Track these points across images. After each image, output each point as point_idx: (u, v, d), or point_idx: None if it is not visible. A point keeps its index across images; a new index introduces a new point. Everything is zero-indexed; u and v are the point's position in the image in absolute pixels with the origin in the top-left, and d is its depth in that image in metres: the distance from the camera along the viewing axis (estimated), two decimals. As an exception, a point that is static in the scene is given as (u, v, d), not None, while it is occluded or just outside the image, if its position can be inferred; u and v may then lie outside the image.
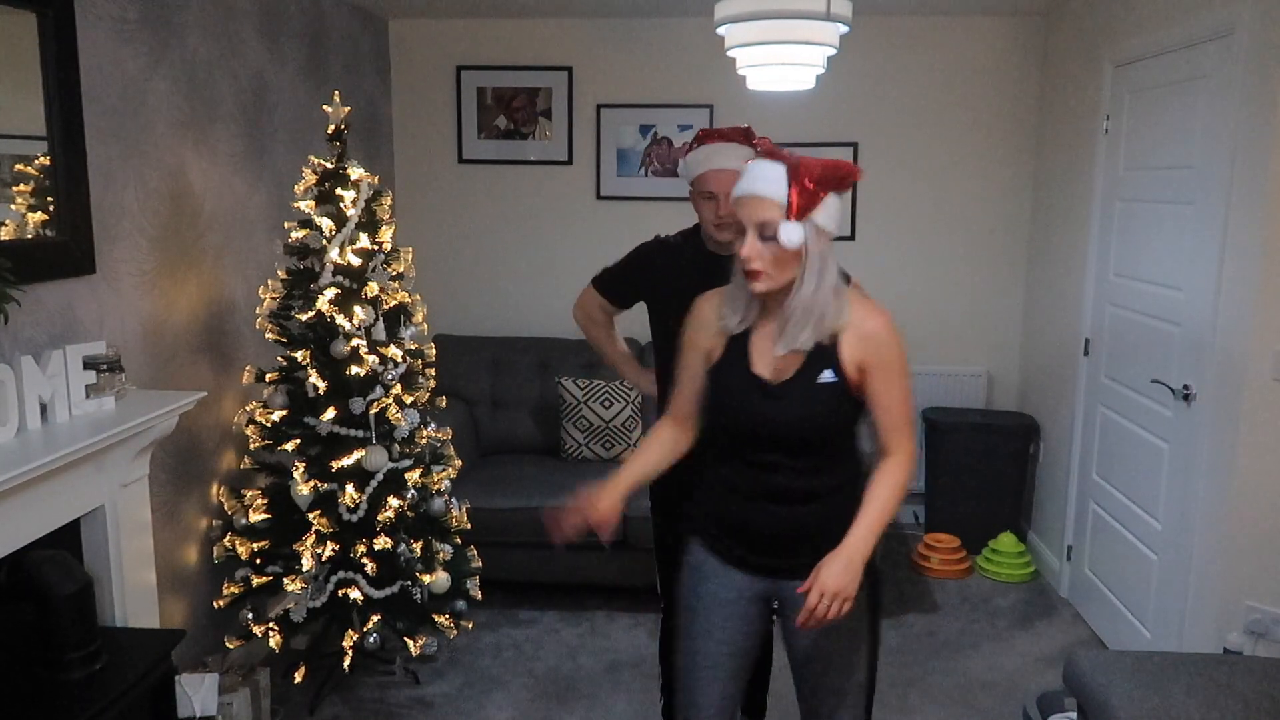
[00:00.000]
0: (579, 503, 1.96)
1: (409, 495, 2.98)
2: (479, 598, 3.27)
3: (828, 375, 1.84)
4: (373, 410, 2.89)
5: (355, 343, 2.86)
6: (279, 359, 3.00)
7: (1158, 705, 2.15)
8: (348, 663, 2.92)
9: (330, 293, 2.84)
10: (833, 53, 2.53)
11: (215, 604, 3.00)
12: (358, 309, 2.85)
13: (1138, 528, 3.34)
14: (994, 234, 4.56)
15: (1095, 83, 3.75)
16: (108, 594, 2.37)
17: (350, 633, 2.94)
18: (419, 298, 3.10)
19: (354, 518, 2.89)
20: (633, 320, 2.73)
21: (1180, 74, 3.13)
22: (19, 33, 2.25)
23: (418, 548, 2.99)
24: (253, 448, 3.03)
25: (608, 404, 4.15)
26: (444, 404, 3.29)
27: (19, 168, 2.29)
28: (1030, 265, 4.53)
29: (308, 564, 2.86)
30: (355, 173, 2.94)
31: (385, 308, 2.95)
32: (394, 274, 3.00)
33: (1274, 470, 2.71)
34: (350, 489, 2.87)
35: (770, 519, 1.93)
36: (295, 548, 2.91)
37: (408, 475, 2.98)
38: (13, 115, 2.29)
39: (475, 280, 4.78)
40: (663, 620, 2.72)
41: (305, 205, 2.92)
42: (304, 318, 2.88)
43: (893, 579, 4.12)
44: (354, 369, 2.85)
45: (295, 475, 2.89)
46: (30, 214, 2.31)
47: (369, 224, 2.95)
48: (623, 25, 4.52)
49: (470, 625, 3.37)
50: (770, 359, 1.88)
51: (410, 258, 3.11)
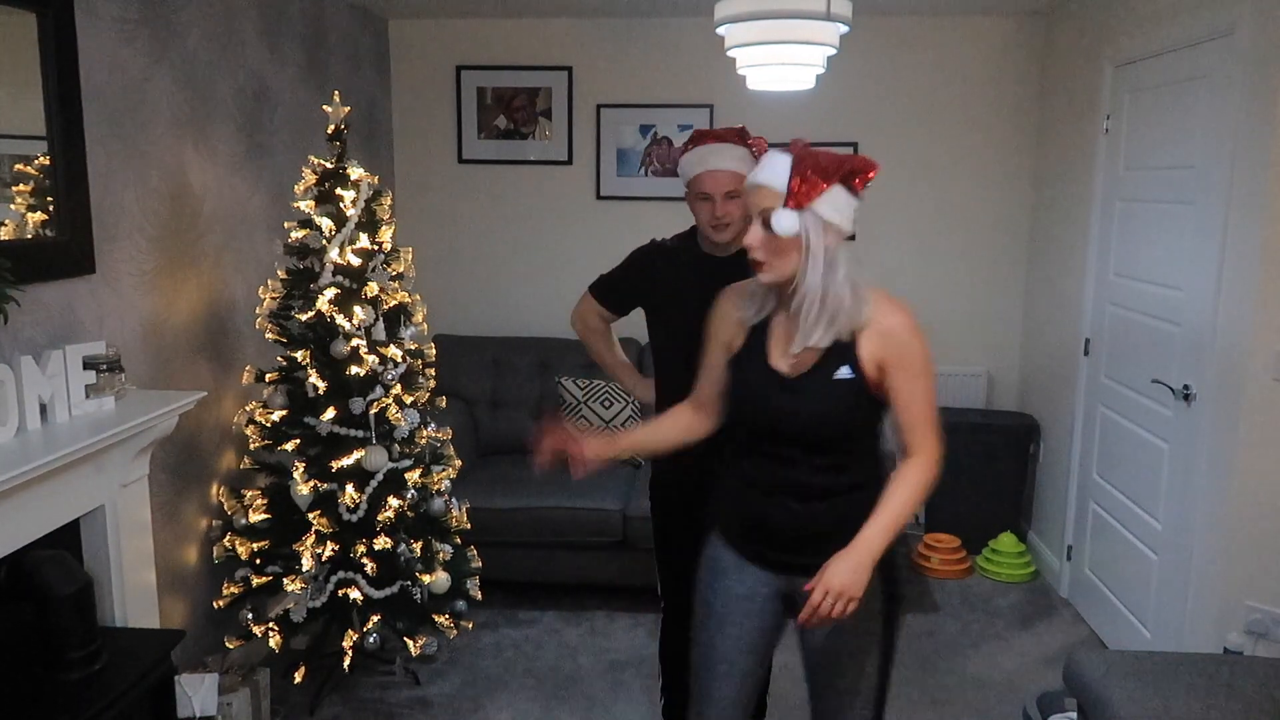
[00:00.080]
0: (570, 433, 1.98)
1: (409, 495, 2.98)
2: (479, 598, 3.27)
3: (844, 372, 1.83)
4: (373, 410, 2.90)
5: (355, 343, 2.86)
6: (279, 359, 3.00)
7: (1158, 705, 2.15)
8: (348, 663, 2.92)
9: (330, 293, 2.84)
10: (833, 53, 2.53)
11: (215, 604, 3.00)
12: (358, 309, 2.85)
13: (1138, 528, 3.34)
14: (994, 234, 4.56)
15: (1095, 83, 3.75)
16: (108, 594, 2.37)
17: (350, 633, 2.94)
18: (419, 298, 3.10)
19: (354, 518, 2.89)
20: (632, 320, 2.73)
21: (1180, 74, 3.13)
22: (19, 33, 2.25)
23: (418, 548, 2.99)
24: (253, 448, 3.03)
25: (608, 404, 4.15)
26: (444, 404, 3.29)
27: (19, 168, 2.29)
28: (1030, 265, 4.53)
29: (308, 564, 2.86)
30: (355, 173, 2.94)
31: (385, 308, 2.95)
32: (394, 274, 3.00)
33: (1274, 470, 2.71)
34: (350, 489, 2.87)
35: (788, 515, 1.92)
36: (295, 548, 2.91)
37: (408, 475, 2.98)
38: (13, 115, 2.29)
39: (475, 280, 4.78)
40: (663, 620, 2.72)
41: (305, 205, 2.93)
42: (304, 318, 2.88)
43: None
44: (354, 369, 2.85)
45: (295, 475, 2.89)
46: (30, 214, 2.30)
47: (369, 224, 2.95)
48: (623, 25, 4.52)
49: (470, 625, 3.37)
50: (788, 353, 1.87)
51: (410, 258, 3.11)
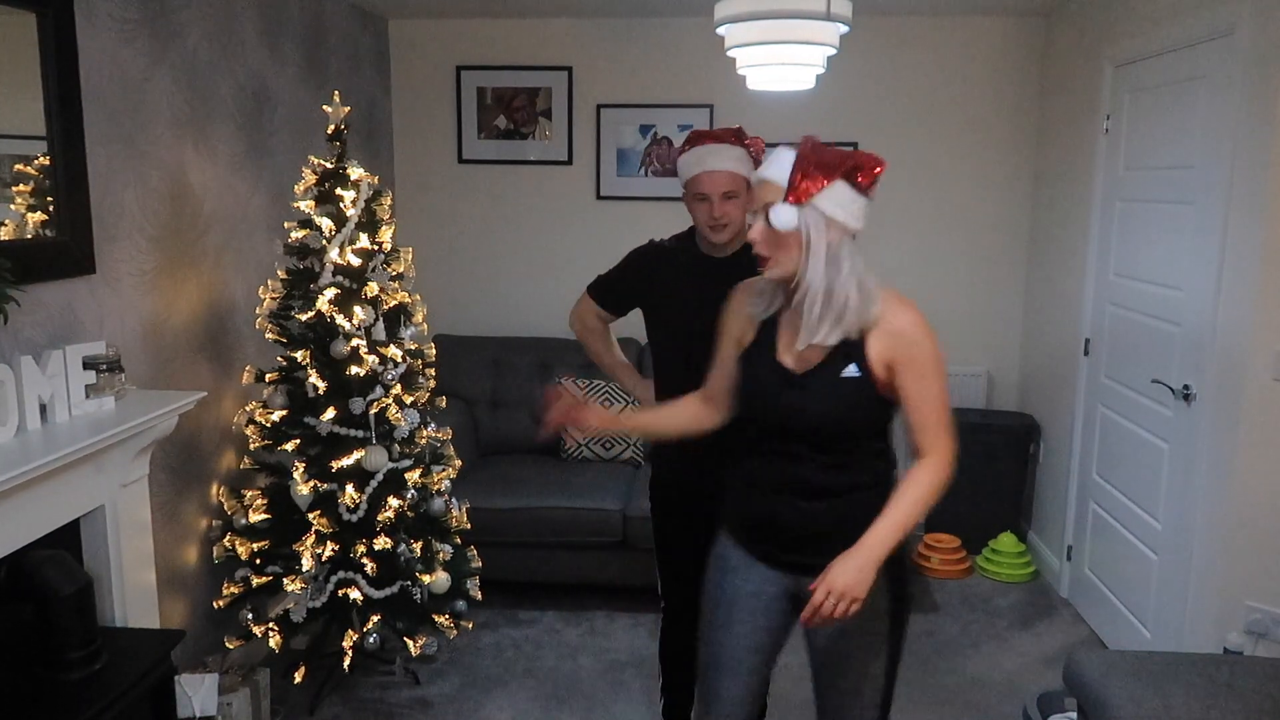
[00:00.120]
0: (576, 401, 2.08)
1: (409, 495, 2.98)
2: (479, 598, 3.27)
3: (851, 370, 1.82)
4: (373, 410, 2.89)
5: (355, 343, 2.86)
6: (279, 359, 3.00)
7: (1158, 705, 2.15)
8: (348, 663, 2.92)
9: (330, 293, 2.84)
10: (833, 53, 2.53)
11: (215, 604, 3.00)
12: (358, 309, 2.85)
13: (1138, 528, 3.34)
14: (994, 234, 4.56)
15: (1095, 83, 3.74)
16: (108, 594, 2.37)
17: (350, 633, 2.94)
18: (419, 298, 3.10)
19: (354, 518, 2.89)
20: (632, 320, 2.73)
21: (1180, 74, 3.13)
22: (19, 33, 2.25)
23: (418, 548, 2.99)
24: (253, 448, 3.03)
25: (608, 404, 4.15)
26: (444, 404, 3.29)
27: (19, 168, 2.29)
28: (1030, 265, 4.53)
29: (308, 564, 2.86)
30: (355, 173, 2.94)
31: (385, 308, 2.95)
32: (394, 274, 3.00)
33: (1274, 470, 2.71)
34: (350, 489, 2.87)
35: (794, 514, 1.91)
36: (295, 548, 2.91)
37: (408, 475, 2.98)
38: (13, 115, 2.29)
39: (475, 280, 4.78)
40: (663, 620, 2.72)
41: (305, 205, 2.92)
42: (304, 318, 2.88)
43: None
44: (354, 369, 2.85)
45: (295, 475, 2.89)
46: (30, 214, 2.30)
47: (369, 224, 2.95)
48: (623, 25, 4.52)
49: (470, 625, 3.37)
50: (793, 349, 1.87)
51: (410, 258, 3.11)
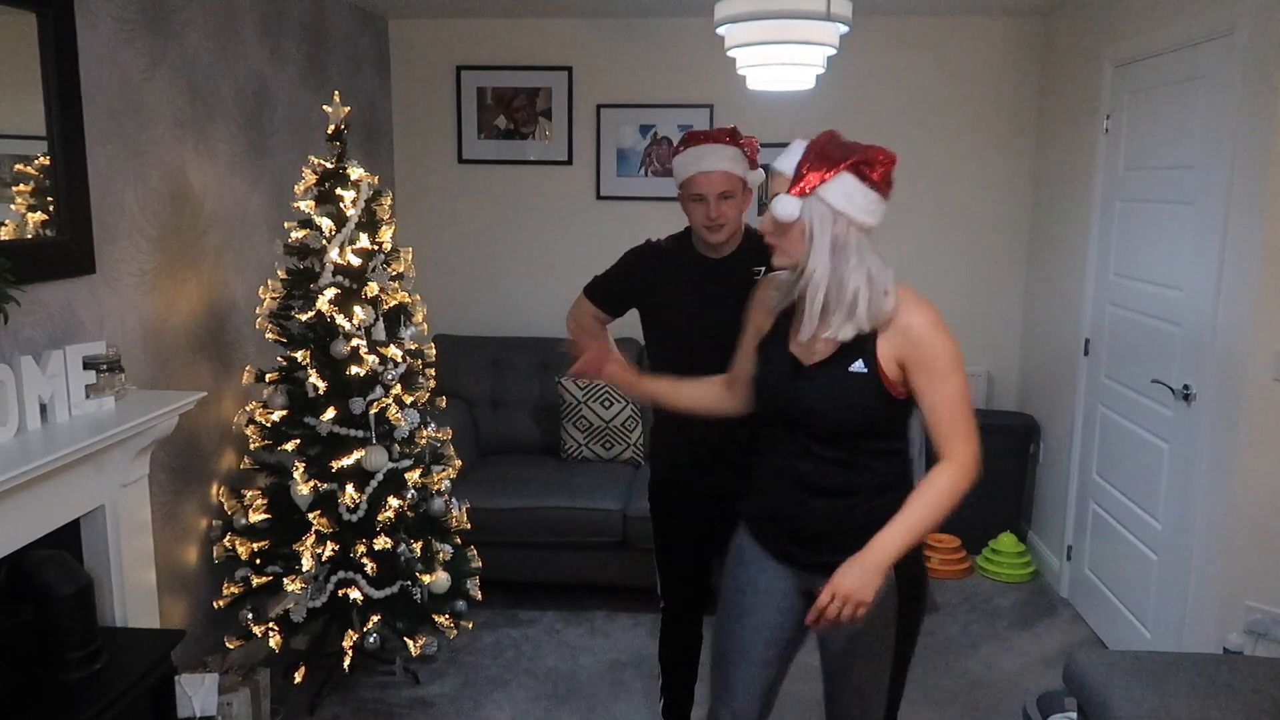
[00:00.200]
0: (608, 353, 2.19)
1: (409, 495, 2.98)
2: (479, 598, 3.26)
3: (858, 366, 1.81)
4: (373, 410, 2.89)
5: (355, 343, 2.86)
6: (279, 359, 3.00)
7: (1157, 705, 2.15)
8: (348, 663, 2.92)
9: (330, 293, 2.84)
10: (833, 53, 2.53)
11: (215, 604, 3.00)
12: (358, 309, 2.85)
13: (1138, 528, 3.34)
14: (994, 233, 4.56)
15: (1095, 83, 3.74)
16: (108, 594, 2.37)
17: (350, 633, 2.94)
18: (419, 298, 3.10)
19: (354, 518, 2.89)
20: (632, 321, 2.73)
21: (1180, 74, 3.13)
22: (19, 33, 2.25)
23: (418, 548, 2.99)
24: (253, 448, 3.03)
25: (608, 404, 4.15)
26: (444, 404, 3.29)
27: (19, 168, 2.29)
28: (1030, 265, 4.52)
29: (308, 564, 2.86)
30: (355, 173, 2.94)
31: (385, 308, 2.95)
32: (394, 274, 3.00)
33: (1274, 470, 2.71)
34: (350, 489, 2.87)
35: (806, 511, 1.92)
36: (295, 548, 2.91)
37: (408, 475, 2.98)
38: (13, 115, 2.29)
39: (475, 280, 4.78)
40: (662, 620, 2.72)
41: (305, 205, 2.92)
42: (304, 318, 2.88)
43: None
44: (354, 369, 2.85)
45: (295, 475, 2.89)
46: (30, 214, 2.30)
47: (369, 224, 2.95)
48: (623, 25, 4.52)
49: (470, 625, 3.37)
50: (810, 341, 1.86)
51: (410, 258, 3.11)
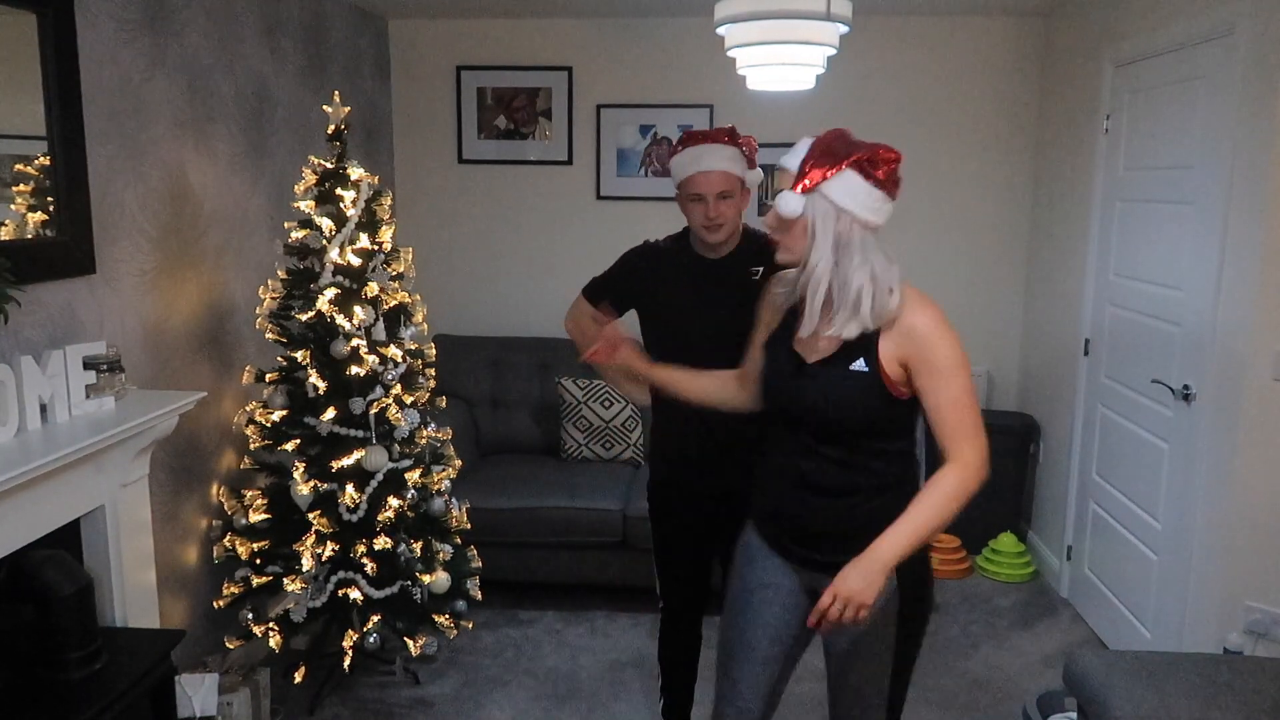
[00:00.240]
0: (623, 339, 2.20)
1: (409, 495, 2.98)
2: (479, 598, 3.26)
3: (859, 364, 1.80)
4: (373, 410, 2.89)
5: (355, 343, 2.86)
6: (279, 359, 3.00)
7: (1157, 705, 2.15)
8: (348, 663, 2.92)
9: (330, 293, 2.84)
10: (833, 53, 2.53)
11: (215, 604, 3.00)
12: (358, 309, 2.85)
13: (1138, 528, 3.34)
14: (994, 233, 4.56)
15: (1095, 83, 3.74)
16: (108, 594, 2.37)
17: (350, 633, 2.94)
18: (419, 298, 3.10)
19: (354, 518, 2.89)
20: (629, 321, 2.73)
21: (1180, 74, 3.13)
22: (19, 33, 2.25)
23: (418, 548, 2.99)
24: (253, 448, 3.03)
25: (608, 404, 4.15)
26: (444, 404, 3.29)
27: (19, 168, 2.29)
28: (1030, 265, 4.52)
29: (308, 564, 2.86)
30: (355, 173, 2.94)
31: (385, 308, 2.95)
32: (394, 274, 3.00)
33: (1274, 470, 2.71)
34: (350, 489, 2.87)
35: (807, 510, 1.92)
36: (295, 548, 2.91)
37: (408, 475, 2.98)
38: (13, 115, 2.29)
39: (475, 280, 4.78)
40: (661, 621, 2.72)
41: (305, 205, 2.92)
42: (304, 318, 2.88)
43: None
44: (354, 369, 2.85)
45: (295, 475, 2.89)
46: (30, 214, 2.30)
47: (369, 224, 2.95)
48: (623, 25, 4.52)
49: (470, 625, 3.37)
50: (814, 339, 1.86)
51: (410, 258, 3.11)
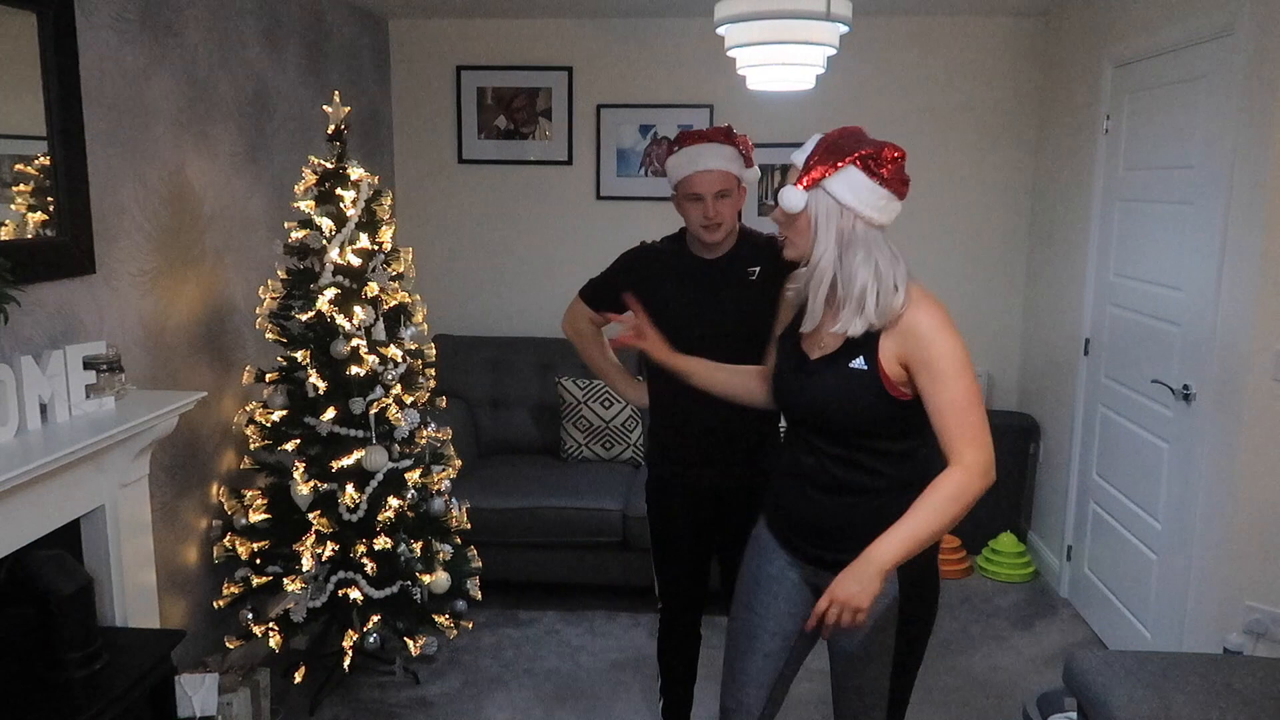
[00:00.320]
0: (647, 326, 2.20)
1: (409, 495, 2.98)
2: (479, 598, 3.27)
3: (858, 363, 1.80)
4: (373, 410, 2.89)
5: (355, 343, 2.86)
6: (279, 359, 3.00)
7: (1157, 705, 2.15)
8: (348, 663, 2.92)
9: (330, 293, 2.84)
10: (833, 53, 2.54)
11: (215, 604, 3.00)
12: (358, 309, 2.85)
13: (1138, 528, 3.34)
14: (994, 233, 4.56)
15: (1095, 83, 3.74)
16: (108, 594, 2.37)
17: (350, 633, 2.94)
18: (419, 298, 3.10)
19: (354, 518, 2.89)
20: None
21: (1180, 74, 3.13)
22: (19, 33, 2.25)
23: (418, 548, 2.99)
24: (253, 448, 3.03)
25: (608, 404, 4.15)
26: (444, 404, 3.29)
27: (19, 168, 2.29)
28: (1030, 265, 4.52)
29: (308, 564, 2.86)
30: (355, 173, 2.94)
31: (385, 308, 2.95)
32: (394, 274, 3.00)
33: (1274, 470, 2.71)
34: (350, 489, 2.87)
35: (808, 506, 1.92)
36: (295, 548, 2.91)
37: (408, 475, 2.98)
38: (13, 115, 2.29)
39: (475, 280, 4.78)
40: (660, 622, 2.72)
41: (305, 205, 2.92)
42: (304, 318, 2.88)
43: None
44: (354, 369, 2.85)
45: (295, 475, 2.89)
46: (30, 214, 2.31)
47: (369, 224, 2.95)
48: (623, 25, 4.52)
49: (470, 625, 3.38)
50: (818, 336, 1.86)
51: (410, 258, 3.11)
